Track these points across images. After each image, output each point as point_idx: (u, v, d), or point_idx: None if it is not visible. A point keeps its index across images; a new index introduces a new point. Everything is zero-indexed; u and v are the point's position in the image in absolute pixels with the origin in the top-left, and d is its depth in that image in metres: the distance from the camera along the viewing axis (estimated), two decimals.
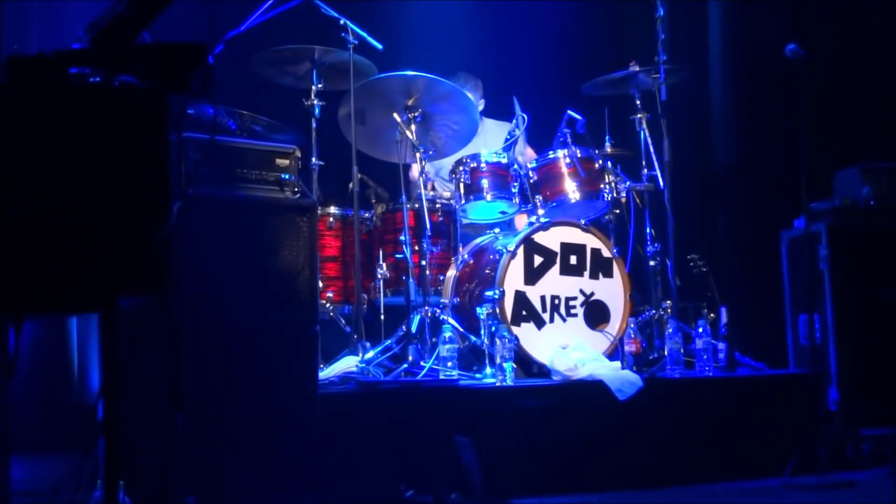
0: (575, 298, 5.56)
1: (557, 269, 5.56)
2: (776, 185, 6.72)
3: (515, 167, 5.86)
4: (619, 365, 5.27)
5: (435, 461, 4.55)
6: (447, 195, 6.01)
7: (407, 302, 5.53)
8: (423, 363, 5.13)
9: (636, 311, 5.74)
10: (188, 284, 4.06)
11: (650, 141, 6.01)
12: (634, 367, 5.28)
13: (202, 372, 4.04)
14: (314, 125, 5.69)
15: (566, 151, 5.81)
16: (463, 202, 5.82)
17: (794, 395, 5.37)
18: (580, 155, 5.79)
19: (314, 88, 5.70)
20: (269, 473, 4.19)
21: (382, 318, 5.62)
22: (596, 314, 5.59)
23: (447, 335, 5.12)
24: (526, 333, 5.41)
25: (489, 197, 5.79)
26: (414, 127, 5.70)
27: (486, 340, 5.28)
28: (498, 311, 5.37)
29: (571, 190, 5.77)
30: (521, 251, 5.51)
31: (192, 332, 4.05)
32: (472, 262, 5.79)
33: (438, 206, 5.83)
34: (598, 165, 5.84)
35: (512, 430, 4.78)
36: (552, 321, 5.50)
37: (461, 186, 5.81)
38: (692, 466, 5.00)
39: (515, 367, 5.10)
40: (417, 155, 5.66)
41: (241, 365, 4.20)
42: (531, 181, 5.86)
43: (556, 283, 5.54)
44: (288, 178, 4.49)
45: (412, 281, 5.51)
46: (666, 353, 5.38)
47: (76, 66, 2.59)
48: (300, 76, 5.85)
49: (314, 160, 5.63)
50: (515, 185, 5.83)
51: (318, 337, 4.47)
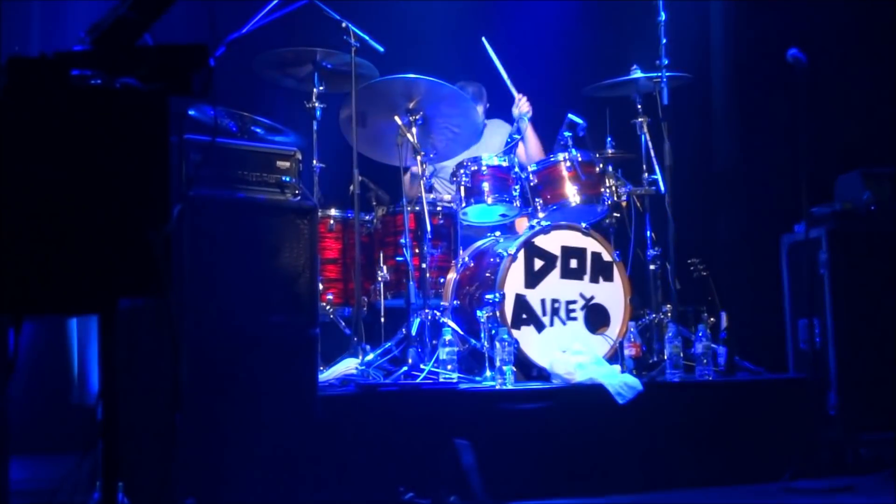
0: (575, 302, 5.57)
1: (558, 272, 5.57)
2: (777, 189, 6.71)
3: (516, 170, 5.86)
4: (618, 369, 5.27)
5: (434, 464, 4.56)
6: (448, 198, 6.01)
7: (407, 305, 5.53)
8: (422, 366, 5.13)
9: (636, 314, 5.75)
10: (188, 286, 4.07)
11: (651, 145, 6.01)
12: (634, 370, 5.29)
13: (202, 373, 4.05)
14: (315, 127, 5.70)
15: (567, 155, 5.81)
16: (463, 205, 5.82)
17: (793, 399, 5.37)
18: (581, 158, 5.80)
19: (315, 91, 5.71)
20: (268, 475, 4.19)
21: (382, 320, 5.63)
22: (596, 318, 5.59)
23: (447, 338, 5.13)
24: (526, 337, 5.41)
25: (490, 200, 5.79)
26: (415, 130, 5.70)
27: (486, 343, 5.29)
28: (498, 314, 5.37)
29: (572, 193, 5.78)
30: (521, 254, 5.51)
31: (192, 333, 4.06)
32: (472, 265, 5.79)
33: (439, 208, 5.83)
34: (598, 169, 5.85)
35: (511, 433, 4.79)
36: (552, 324, 5.50)
37: (462, 189, 5.82)
38: (692, 470, 5.01)
39: (515, 370, 5.11)
40: (418, 158, 5.66)
41: (240, 367, 4.20)
42: (532, 184, 5.86)
43: (556, 286, 5.55)
44: (289, 180, 4.50)
45: (412, 283, 5.51)
46: (666, 357, 5.38)
47: (77, 67, 2.59)
48: (301, 78, 5.85)
49: (315, 162, 5.63)
50: (516, 188, 5.83)
51: (318, 339, 4.47)
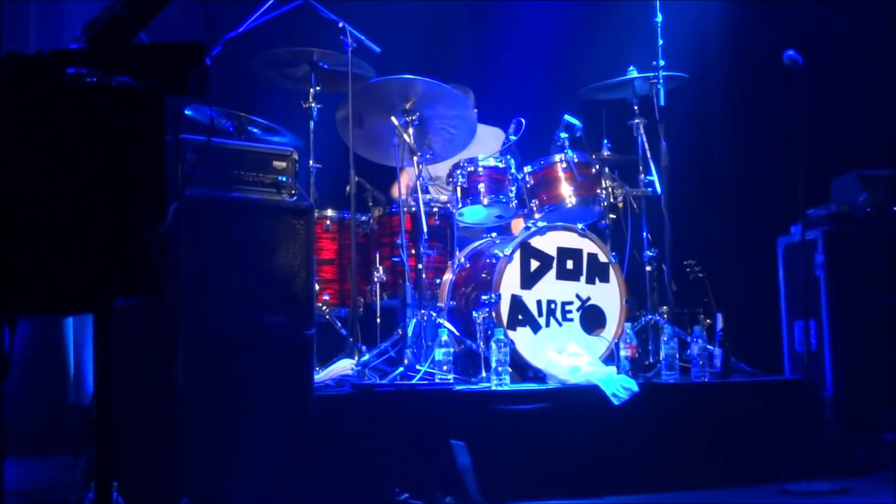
0: (571, 303, 5.56)
1: (554, 273, 5.56)
2: (773, 191, 6.71)
3: (512, 171, 5.86)
4: (614, 370, 5.27)
5: (430, 465, 4.56)
6: (444, 198, 6.01)
7: (403, 305, 5.53)
8: (418, 367, 5.13)
9: (632, 316, 5.75)
10: (184, 286, 4.07)
11: (647, 146, 6.01)
12: (630, 372, 5.29)
13: (197, 373, 4.04)
14: (312, 127, 5.69)
15: (563, 156, 5.81)
16: (460, 206, 5.81)
17: (789, 401, 5.37)
18: (577, 160, 5.80)
19: (312, 91, 5.70)
20: (263, 475, 4.19)
21: (378, 321, 5.63)
22: (592, 319, 5.59)
23: (443, 339, 5.12)
24: (522, 338, 5.41)
25: (486, 201, 5.79)
26: (411, 130, 5.69)
27: (482, 344, 5.29)
28: (494, 315, 5.37)
29: (568, 195, 5.78)
30: (517, 255, 5.50)
31: (187, 333, 4.05)
32: (468, 265, 5.78)
33: (435, 209, 5.82)
34: (595, 170, 5.85)
35: (507, 434, 4.79)
36: (548, 325, 5.49)
37: (458, 190, 5.81)
38: (687, 472, 5.01)
39: (511, 371, 5.11)
40: (414, 158, 5.65)
41: (236, 367, 4.20)
42: (528, 185, 5.86)
43: (552, 287, 5.54)
44: (285, 180, 4.49)
45: (409, 284, 5.50)
46: (661, 358, 5.39)
47: (73, 65, 2.59)
48: (298, 79, 5.84)
49: (311, 163, 5.63)
50: (512, 189, 5.83)
51: (314, 340, 4.47)
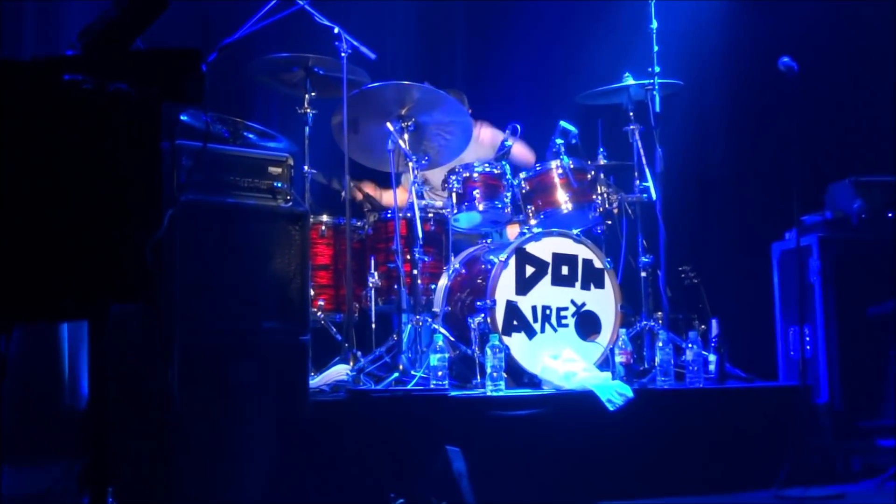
0: (566, 309, 5.56)
1: (549, 279, 5.56)
2: (768, 197, 6.73)
3: (508, 177, 5.86)
4: (609, 376, 5.27)
5: (425, 470, 4.55)
6: (439, 204, 6.01)
7: (398, 311, 5.53)
8: (413, 372, 5.13)
9: (627, 322, 5.75)
10: (179, 291, 4.06)
11: (643, 152, 6.01)
12: (625, 378, 5.29)
13: (192, 379, 4.04)
14: (307, 133, 5.69)
15: (559, 162, 5.81)
16: (455, 211, 5.82)
17: (784, 407, 5.37)
18: (573, 166, 5.80)
19: (307, 97, 5.71)
20: (258, 480, 4.18)
21: (374, 326, 5.63)
22: (587, 325, 5.59)
23: (438, 344, 5.12)
24: (517, 343, 5.41)
25: (481, 206, 5.79)
26: (407, 136, 5.70)
27: (477, 350, 5.28)
28: (489, 320, 5.37)
29: (564, 200, 5.78)
30: (512, 261, 5.50)
31: (182, 338, 4.05)
32: (463, 271, 5.78)
33: (431, 215, 5.82)
34: (590, 176, 5.85)
35: (502, 439, 4.78)
36: (543, 331, 5.50)
37: (453, 196, 5.81)
38: (682, 478, 5.00)
39: (506, 377, 5.11)
40: (410, 164, 5.66)
41: (231, 372, 4.20)
42: (523, 191, 5.86)
43: (547, 293, 5.54)
44: (280, 186, 4.49)
45: (404, 290, 5.50)
46: (657, 364, 5.39)
47: (69, 72, 2.59)
48: (294, 84, 5.84)
49: (307, 168, 5.63)
50: (507, 194, 5.83)
51: (309, 345, 4.47)
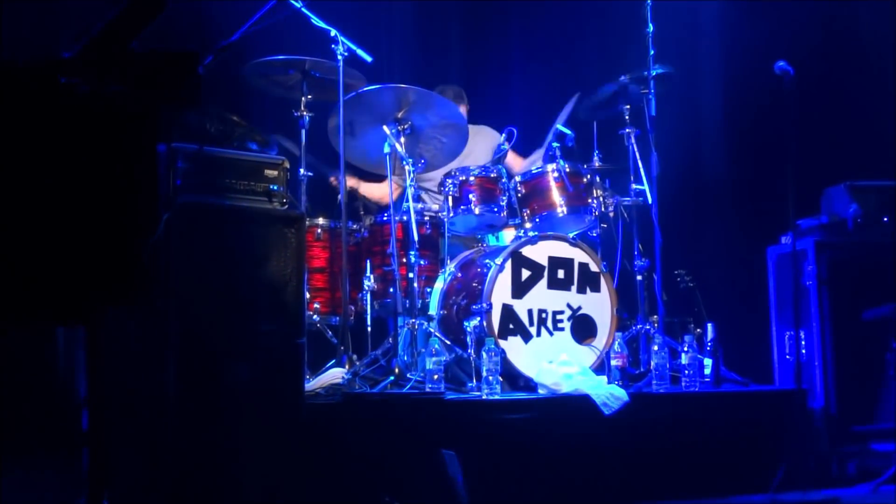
0: (562, 312, 5.56)
1: (545, 282, 5.56)
2: (764, 201, 6.73)
3: (504, 180, 5.86)
4: (605, 379, 5.27)
5: (420, 473, 4.55)
6: (436, 207, 6.01)
7: (394, 314, 5.53)
8: (409, 375, 5.12)
9: (623, 325, 5.75)
10: (175, 294, 4.05)
11: (639, 155, 6.01)
12: (620, 381, 5.28)
13: (188, 381, 4.03)
14: (303, 136, 5.69)
15: (554, 165, 5.82)
16: (451, 215, 5.81)
17: (779, 411, 5.37)
18: (568, 169, 5.80)
19: (304, 99, 5.70)
20: (253, 483, 4.18)
21: (369, 329, 5.62)
22: (583, 328, 5.59)
23: (434, 348, 5.11)
24: (513, 347, 5.41)
25: (477, 210, 5.79)
26: (403, 139, 5.69)
27: (472, 353, 5.28)
28: (485, 324, 5.37)
29: (559, 204, 5.78)
30: (508, 265, 5.50)
31: (178, 341, 4.04)
32: (459, 274, 5.78)
33: (427, 218, 5.82)
34: (586, 180, 5.85)
35: (497, 443, 4.78)
36: (539, 335, 5.49)
37: (449, 199, 5.81)
38: (677, 481, 5.00)
39: (502, 380, 5.11)
40: (406, 167, 5.65)
41: (227, 375, 4.19)
42: (519, 195, 5.86)
43: (543, 296, 5.54)
44: (276, 188, 4.49)
45: (399, 293, 5.50)
46: (652, 368, 5.38)
47: (66, 74, 2.59)
48: (290, 87, 5.83)
49: (303, 171, 5.62)
50: (504, 198, 5.83)
51: (304, 348, 4.46)
